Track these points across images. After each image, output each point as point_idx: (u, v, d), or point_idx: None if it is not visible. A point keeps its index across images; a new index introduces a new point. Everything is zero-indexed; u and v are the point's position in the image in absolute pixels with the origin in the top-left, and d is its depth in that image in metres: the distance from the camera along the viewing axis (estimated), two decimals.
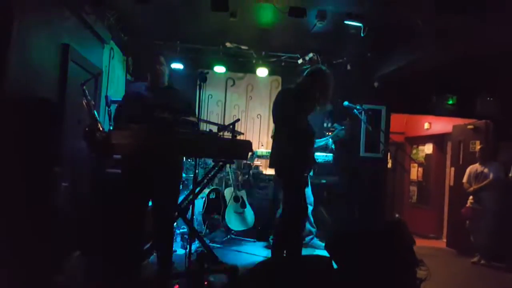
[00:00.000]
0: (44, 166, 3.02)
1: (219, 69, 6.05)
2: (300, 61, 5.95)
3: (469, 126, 6.38)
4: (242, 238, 5.36)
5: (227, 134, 3.16)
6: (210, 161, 4.84)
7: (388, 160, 6.29)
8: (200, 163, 4.97)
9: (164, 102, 3.09)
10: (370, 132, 4.92)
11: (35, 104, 2.90)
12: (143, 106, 3.08)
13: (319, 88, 3.49)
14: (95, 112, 3.26)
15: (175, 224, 4.19)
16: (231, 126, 3.05)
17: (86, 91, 3.18)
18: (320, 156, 5.45)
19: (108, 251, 3.15)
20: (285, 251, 3.57)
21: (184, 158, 4.54)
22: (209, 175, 3.32)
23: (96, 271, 3.05)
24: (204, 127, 3.53)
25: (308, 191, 4.97)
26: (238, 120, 3.12)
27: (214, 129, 3.30)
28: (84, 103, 3.13)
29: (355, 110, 4.46)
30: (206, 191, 5.15)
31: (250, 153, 3.19)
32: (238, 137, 3.17)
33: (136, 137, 2.65)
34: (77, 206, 3.44)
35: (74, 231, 3.29)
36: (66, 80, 3.28)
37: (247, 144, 3.11)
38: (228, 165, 5.10)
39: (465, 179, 5.80)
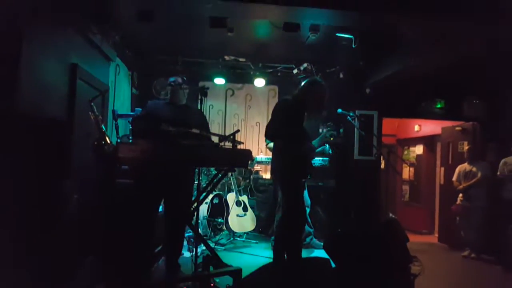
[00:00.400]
0: (55, 180, 3.04)
1: (219, 81, 6.09)
2: (295, 71, 5.97)
3: (457, 128, 6.41)
4: (245, 240, 5.38)
5: (228, 144, 3.18)
6: (213, 169, 4.87)
7: (381, 162, 6.31)
8: (204, 170, 4.99)
9: (179, 118, 3.15)
10: (363, 137, 4.93)
11: (46, 121, 2.91)
12: (158, 121, 3.15)
13: (314, 98, 3.55)
14: (103, 126, 3.31)
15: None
16: (231, 137, 3.07)
17: (94, 107, 3.22)
18: (317, 160, 5.47)
19: (119, 257, 3.17)
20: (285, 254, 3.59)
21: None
22: (212, 183, 3.34)
23: (107, 276, 3.07)
24: None
25: (305, 194, 4.99)
26: (238, 131, 3.14)
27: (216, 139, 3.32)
28: (92, 118, 3.17)
29: (348, 117, 4.47)
30: (210, 196, 5.18)
31: (250, 161, 3.21)
32: (239, 147, 3.19)
33: (141, 150, 2.68)
34: (88, 216, 3.45)
35: (86, 238, 3.29)
36: (75, 97, 3.31)
37: (247, 153, 3.15)
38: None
39: (454, 178, 5.82)
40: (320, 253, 4.48)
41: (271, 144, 3.84)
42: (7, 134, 2.37)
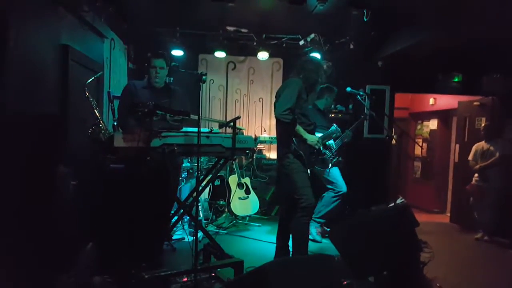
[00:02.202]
0: (52, 168, 3.11)
1: (220, 54, 6.02)
2: (301, 42, 5.89)
3: (475, 103, 6.35)
4: (247, 223, 5.51)
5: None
6: None
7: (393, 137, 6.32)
8: None
9: (158, 102, 3.17)
10: (374, 118, 4.91)
11: (38, 108, 2.95)
12: (134, 105, 3.18)
13: (312, 77, 3.65)
14: (97, 112, 3.35)
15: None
16: (231, 123, 3.11)
17: (88, 92, 3.25)
18: (336, 143, 5.47)
19: (118, 243, 3.29)
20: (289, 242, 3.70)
21: None
22: (213, 171, 3.41)
23: (108, 262, 3.19)
24: (205, 124, 3.56)
25: (338, 175, 5.03)
26: (238, 117, 3.18)
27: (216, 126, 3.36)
28: (89, 103, 3.22)
29: (358, 96, 4.45)
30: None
31: (249, 151, 3.25)
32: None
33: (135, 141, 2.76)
34: (86, 202, 3.55)
35: (85, 225, 3.41)
36: (68, 80, 3.31)
37: (249, 140, 3.20)
38: None
39: (470, 157, 5.82)
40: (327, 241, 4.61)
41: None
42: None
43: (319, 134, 3.96)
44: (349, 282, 3.08)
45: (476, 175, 5.73)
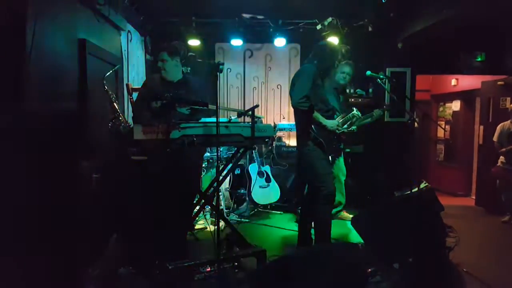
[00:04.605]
0: (74, 162, 3.14)
1: (236, 42, 5.96)
2: (319, 26, 5.76)
3: (499, 82, 6.14)
4: (269, 211, 5.49)
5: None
6: None
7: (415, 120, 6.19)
8: None
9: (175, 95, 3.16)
10: (395, 101, 4.78)
11: (58, 102, 2.96)
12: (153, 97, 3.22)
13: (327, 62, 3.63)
14: (116, 105, 3.36)
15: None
16: (250, 112, 3.06)
17: (107, 86, 3.25)
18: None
19: (142, 234, 3.32)
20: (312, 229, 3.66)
21: None
22: (233, 161, 3.38)
23: (132, 253, 3.23)
24: (224, 114, 3.50)
25: (341, 162, 4.97)
26: (257, 106, 3.11)
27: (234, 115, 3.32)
28: (108, 96, 3.23)
29: (378, 80, 4.32)
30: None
31: (268, 140, 3.22)
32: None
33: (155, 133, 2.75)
34: (109, 195, 3.58)
35: (109, 217, 3.44)
36: (86, 74, 3.32)
37: (268, 129, 3.16)
38: None
39: (495, 138, 5.65)
40: (348, 224, 4.55)
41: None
42: (20, 119, 2.43)
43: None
44: (374, 269, 3.03)
45: (502, 157, 5.56)
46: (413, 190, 3.79)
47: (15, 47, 2.46)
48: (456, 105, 7.71)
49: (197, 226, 4.55)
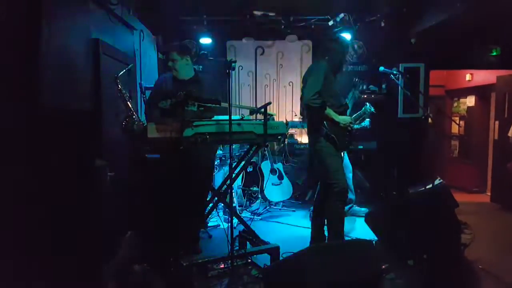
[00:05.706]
0: (88, 160, 3.17)
1: (248, 39, 5.96)
2: (331, 23, 5.71)
3: None
4: (282, 208, 5.48)
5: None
6: None
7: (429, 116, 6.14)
8: None
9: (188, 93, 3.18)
10: (408, 97, 4.73)
11: (72, 102, 2.99)
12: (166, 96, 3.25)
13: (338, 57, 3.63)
14: (130, 104, 3.38)
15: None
16: (262, 109, 3.05)
17: (120, 84, 3.28)
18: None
19: (157, 231, 3.35)
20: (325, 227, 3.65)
21: None
22: (245, 158, 3.38)
23: (147, 250, 3.25)
24: (236, 112, 3.51)
25: (345, 158, 4.95)
26: (269, 103, 3.11)
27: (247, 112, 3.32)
28: (119, 96, 3.26)
29: (391, 76, 4.28)
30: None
31: (281, 137, 3.21)
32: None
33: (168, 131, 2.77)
34: (124, 193, 3.61)
35: (124, 215, 3.48)
36: (100, 73, 3.35)
37: (280, 126, 3.15)
38: None
39: (510, 133, 5.57)
40: (361, 221, 4.51)
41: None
42: (35, 119, 2.46)
43: None
44: (388, 266, 3.01)
45: None
46: (427, 187, 3.77)
47: (29, 47, 2.49)
48: (470, 101, 7.59)
49: (210, 224, 4.57)
